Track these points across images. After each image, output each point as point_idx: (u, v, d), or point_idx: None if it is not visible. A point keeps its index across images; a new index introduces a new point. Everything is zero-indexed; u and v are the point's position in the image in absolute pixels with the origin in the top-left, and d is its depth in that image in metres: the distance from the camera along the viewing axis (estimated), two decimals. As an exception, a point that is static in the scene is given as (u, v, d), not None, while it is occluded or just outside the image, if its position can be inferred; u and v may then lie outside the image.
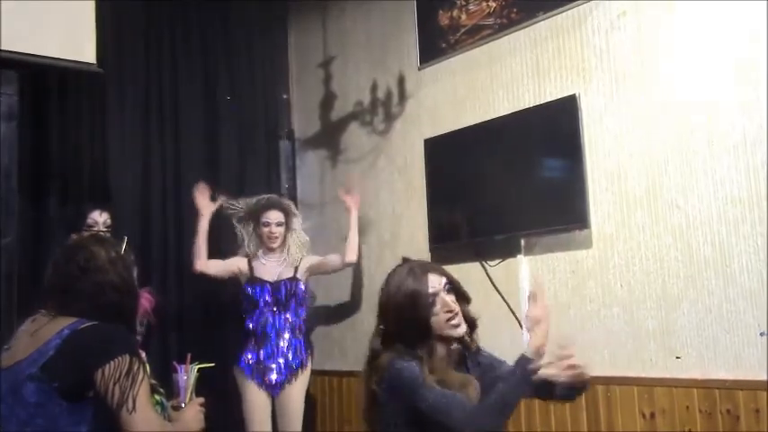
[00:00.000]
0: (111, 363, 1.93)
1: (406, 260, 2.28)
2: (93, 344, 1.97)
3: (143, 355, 2.11)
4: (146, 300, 3.41)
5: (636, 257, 3.22)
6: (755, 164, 2.88)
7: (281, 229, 4.07)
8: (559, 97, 3.48)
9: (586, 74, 3.43)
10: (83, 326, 1.98)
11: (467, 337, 2.20)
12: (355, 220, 4.13)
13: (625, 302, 3.24)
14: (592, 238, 3.36)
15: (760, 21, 2.87)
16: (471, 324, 2.23)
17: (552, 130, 3.49)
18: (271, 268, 4.03)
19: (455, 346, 2.18)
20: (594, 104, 3.38)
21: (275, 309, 3.94)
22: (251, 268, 4.03)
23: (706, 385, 2.96)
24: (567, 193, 3.41)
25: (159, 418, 2.06)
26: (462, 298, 2.22)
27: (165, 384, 2.27)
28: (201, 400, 2.26)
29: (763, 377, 2.81)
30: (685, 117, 3.09)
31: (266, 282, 3.97)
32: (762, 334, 2.83)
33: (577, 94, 3.41)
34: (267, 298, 3.94)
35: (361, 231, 4.48)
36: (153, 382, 2.08)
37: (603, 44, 3.38)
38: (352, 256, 4.10)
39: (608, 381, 3.24)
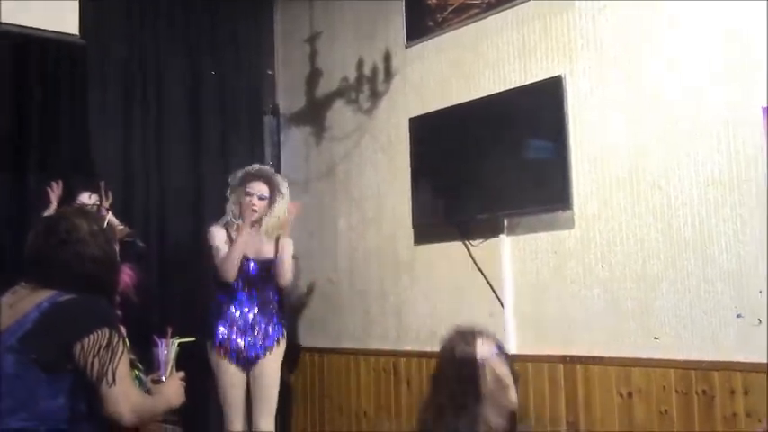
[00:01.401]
0: (90, 336, 1.92)
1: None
2: (72, 317, 1.96)
3: (123, 329, 2.11)
4: (126, 275, 3.40)
5: (617, 238, 3.24)
6: (737, 146, 2.89)
7: (263, 204, 3.88)
8: (545, 78, 3.48)
9: (573, 55, 3.43)
10: (61, 299, 1.97)
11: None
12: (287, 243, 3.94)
13: (605, 283, 3.27)
14: (574, 219, 3.38)
15: (743, 5, 2.88)
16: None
17: (537, 111, 3.49)
18: (250, 243, 3.86)
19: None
20: (580, 86, 3.38)
21: (252, 285, 3.85)
22: (230, 240, 3.85)
23: (683, 366, 2.99)
24: (551, 173, 3.42)
25: (139, 392, 2.06)
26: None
27: (145, 360, 2.27)
28: (182, 374, 2.26)
29: (738, 359, 2.84)
30: (668, 99, 3.10)
31: (245, 257, 3.83)
32: (739, 316, 2.86)
33: (563, 75, 3.40)
34: (245, 273, 3.84)
35: (345, 210, 4.49)
36: (132, 357, 2.08)
37: (590, 26, 3.37)
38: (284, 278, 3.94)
39: (587, 360, 3.28)
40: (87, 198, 3.67)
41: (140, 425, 2.07)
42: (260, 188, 3.90)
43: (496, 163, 3.61)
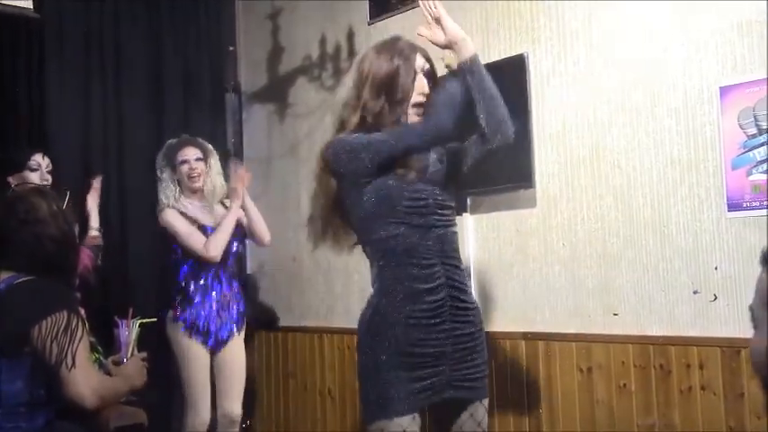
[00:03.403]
0: (49, 319, 1.90)
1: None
2: (29, 300, 1.93)
3: (82, 312, 2.08)
4: (86, 256, 3.35)
5: (578, 217, 3.28)
6: (695, 126, 2.94)
7: (202, 165, 3.74)
8: (508, 56, 3.48)
9: (535, 34, 3.43)
10: (18, 281, 1.94)
11: None
12: (251, 205, 3.81)
13: (566, 261, 3.31)
14: (536, 198, 3.41)
15: (705, -15, 2.91)
16: None
17: (500, 90, 3.47)
18: (203, 215, 3.73)
19: None
20: (542, 65, 3.39)
21: (210, 264, 3.67)
22: (187, 218, 3.68)
23: (641, 341, 3.06)
24: (513, 152, 3.41)
25: (100, 374, 2.05)
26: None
27: (105, 342, 2.24)
28: (144, 354, 2.25)
29: (694, 334, 2.91)
30: (629, 79, 3.12)
31: (205, 230, 3.67)
32: (695, 292, 2.93)
33: (525, 54, 3.41)
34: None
35: (308, 187, 4.43)
36: (91, 339, 2.06)
37: (553, 3, 3.38)
38: (266, 236, 3.87)
39: (548, 337, 3.32)
40: (41, 158, 3.47)
41: (102, 407, 2.06)
42: (194, 152, 3.78)
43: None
